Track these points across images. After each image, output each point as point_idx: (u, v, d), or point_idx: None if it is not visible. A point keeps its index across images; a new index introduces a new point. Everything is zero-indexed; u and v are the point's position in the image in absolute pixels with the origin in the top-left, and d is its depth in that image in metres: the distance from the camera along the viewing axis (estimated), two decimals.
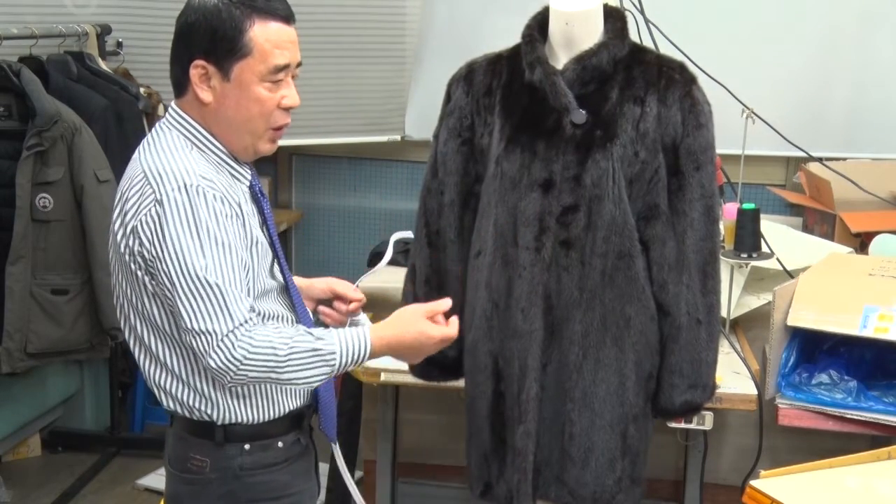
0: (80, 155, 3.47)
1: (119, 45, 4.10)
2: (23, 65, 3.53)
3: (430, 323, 2.01)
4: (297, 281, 2.14)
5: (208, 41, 1.86)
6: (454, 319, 2.04)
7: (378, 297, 3.53)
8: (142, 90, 3.90)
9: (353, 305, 2.16)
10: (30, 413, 4.01)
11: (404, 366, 2.64)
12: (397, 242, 2.29)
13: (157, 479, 3.90)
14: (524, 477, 2.32)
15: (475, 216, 2.40)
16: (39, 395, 4.02)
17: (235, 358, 1.81)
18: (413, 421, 3.43)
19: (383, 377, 2.88)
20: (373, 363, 2.92)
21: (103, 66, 3.90)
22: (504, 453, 2.38)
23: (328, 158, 4.57)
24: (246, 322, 1.83)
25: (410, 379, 2.67)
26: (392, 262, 3.87)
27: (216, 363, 1.82)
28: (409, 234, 2.31)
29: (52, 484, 3.90)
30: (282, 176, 4.61)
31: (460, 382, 2.53)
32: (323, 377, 1.90)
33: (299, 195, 4.66)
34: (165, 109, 4.11)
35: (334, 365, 1.89)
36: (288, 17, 1.91)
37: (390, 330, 1.99)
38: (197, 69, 1.88)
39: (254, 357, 1.82)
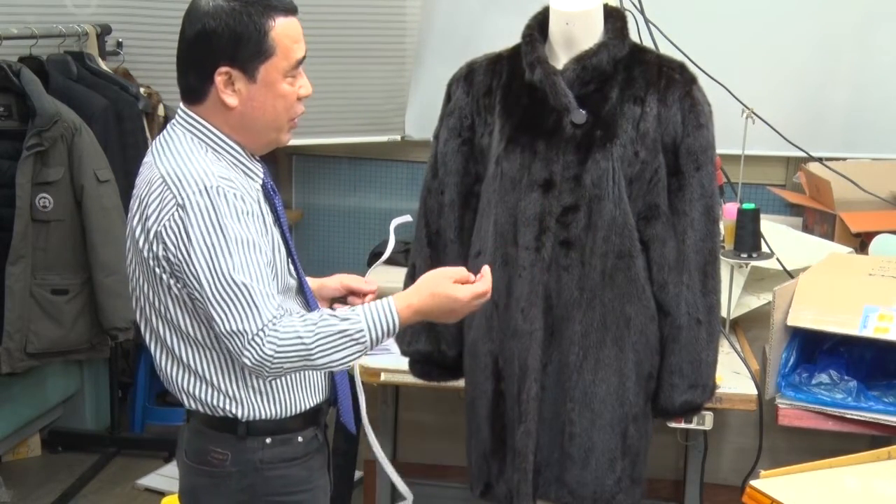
0: (80, 155, 3.47)
1: (119, 45, 4.10)
2: (23, 65, 3.53)
3: (457, 286, 1.96)
4: (309, 282, 2.15)
5: (232, 47, 1.86)
6: (486, 272, 1.98)
7: (378, 297, 3.53)
8: (142, 90, 3.90)
9: (367, 298, 2.16)
10: (30, 413, 4.01)
11: (404, 366, 2.64)
12: (398, 229, 2.28)
13: (157, 479, 3.91)
14: (524, 477, 2.32)
15: (475, 216, 2.40)
16: (39, 395, 4.02)
17: (267, 355, 1.83)
18: (413, 421, 3.43)
19: (383, 377, 2.88)
20: (372, 363, 2.93)
21: (103, 66, 3.90)
22: (504, 453, 2.38)
23: (328, 158, 4.58)
24: (273, 318, 1.85)
25: (410, 379, 2.67)
26: (392, 262, 3.89)
27: (250, 362, 1.84)
28: (407, 218, 2.29)
29: (52, 484, 3.90)
30: (282, 176, 4.61)
31: (460, 382, 2.53)
32: (358, 355, 1.90)
33: (299, 195, 4.66)
34: (165, 109, 4.15)
35: (365, 342, 1.89)
36: (295, 9, 1.93)
37: (416, 297, 1.95)
38: (222, 76, 1.87)
39: (283, 350, 1.84)
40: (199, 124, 1.92)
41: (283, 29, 1.88)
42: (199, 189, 1.84)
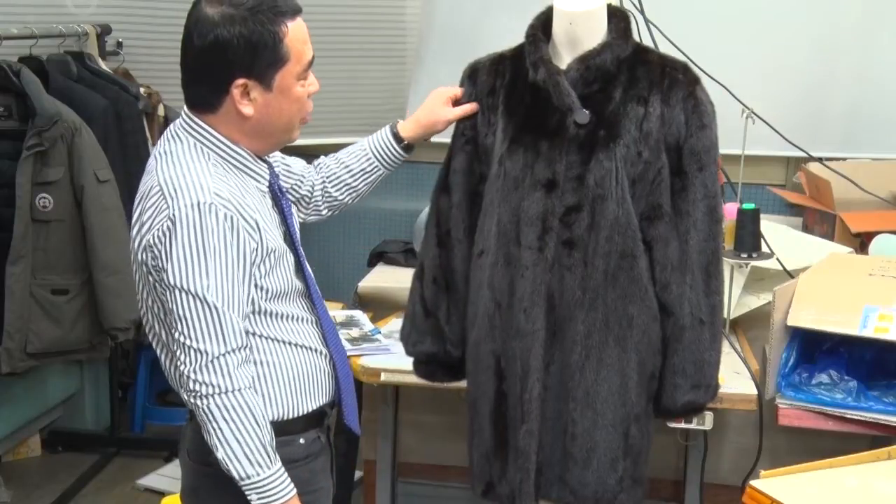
0: (80, 155, 3.47)
1: (119, 45, 4.10)
2: (23, 65, 3.53)
3: None
4: (418, 118, 2.32)
5: (249, 58, 1.84)
6: None
7: (378, 297, 3.54)
8: (142, 90, 3.90)
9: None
10: (30, 413, 4.01)
11: (404, 366, 2.64)
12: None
13: (157, 479, 3.91)
14: (526, 477, 2.32)
15: None
16: (39, 395, 4.02)
17: (228, 380, 1.83)
18: (413, 421, 3.43)
19: (383, 377, 2.89)
20: (372, 363, 2.93)
21: (103, 66, 3.90)
22: (506, 453, 2.38)
23: None
24: (240, 348, 1.85)
25: (410, 379, 2.67)
26: (392, 262, 3.90)
27: (205, 379, 1.83)
28: None
29: (52, 484, 3.90)
30: None
31: (461, 383, 2.53)
32: (233, 464, 1.87)
33: None
34: (166, 109, 4.14)
35: (253, 471, 1.87)
36: (300, 9, 1.91)
37: None
38: (239, 88, 1.86)
39: (244, 399, 1.84)
40: (205, 131, 1.91)
41: (294, 33, 1.87)
42: (191, 203, 1.82)
